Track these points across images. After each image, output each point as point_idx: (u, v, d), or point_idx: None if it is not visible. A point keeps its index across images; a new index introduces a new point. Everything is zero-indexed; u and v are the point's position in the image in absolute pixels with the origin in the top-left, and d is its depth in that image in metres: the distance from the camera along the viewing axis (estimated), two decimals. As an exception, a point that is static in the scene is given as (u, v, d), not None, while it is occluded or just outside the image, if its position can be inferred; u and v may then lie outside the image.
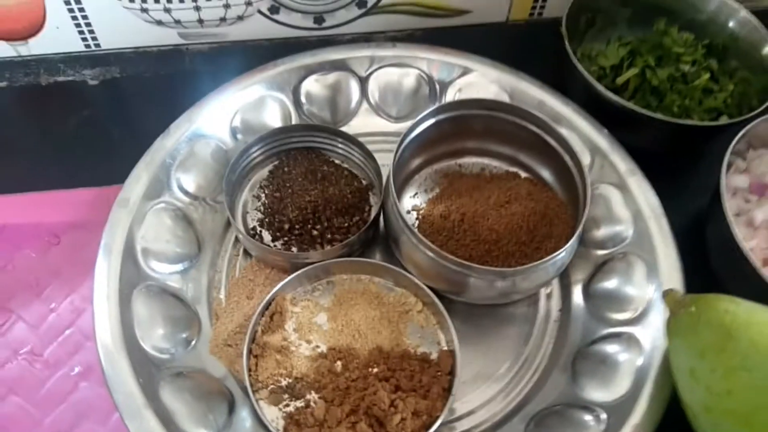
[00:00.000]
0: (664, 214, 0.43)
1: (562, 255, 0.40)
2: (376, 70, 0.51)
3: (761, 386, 0.31)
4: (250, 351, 0.40)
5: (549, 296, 0.45)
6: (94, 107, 0.55)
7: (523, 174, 0.49)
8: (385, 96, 0.52)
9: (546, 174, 0.47)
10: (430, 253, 0.40)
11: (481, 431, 0.39)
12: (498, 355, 0.42)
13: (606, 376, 0.39)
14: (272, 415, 0.38)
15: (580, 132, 0.48)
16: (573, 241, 0.40)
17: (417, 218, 0.47)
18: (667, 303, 0.35)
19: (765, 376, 0.31)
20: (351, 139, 0.48)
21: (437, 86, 0.51)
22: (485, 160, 0.50)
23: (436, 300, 0.41)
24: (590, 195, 0.41)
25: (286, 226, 0.45)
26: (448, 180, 0.49)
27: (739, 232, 0.41)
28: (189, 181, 0.46)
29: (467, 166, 0.50)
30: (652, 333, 0.39)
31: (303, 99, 0.51)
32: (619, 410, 0.36)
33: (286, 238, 0.45)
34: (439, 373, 0.40)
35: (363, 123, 0.51)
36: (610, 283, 0.43)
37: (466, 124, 0.47)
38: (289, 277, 0.42)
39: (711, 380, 0.32)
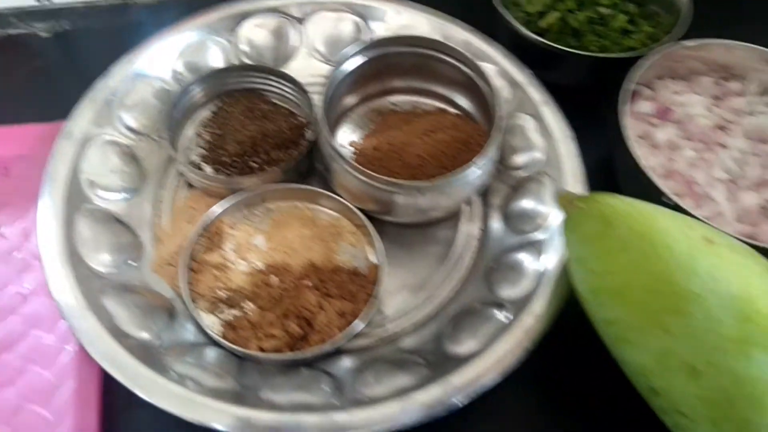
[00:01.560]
0: (573, 138, 0.47)
1: (476, 172, 0.43)
2: (312, 14, 0.54)
3: (634, 265, 0.35)
4: (188, 267, 0.43)
5: (471, 218, 0.48)
6: (46, 58, 0.58)
7: (453, 111, 0.52)
8: (322, 39, 0.55)
9: (472, 109, 0.51)
10: (359, 175, 0.43)
11: (407, 331, 0.43)
12: (423, 268, 0.46)
13: (515, 278, 0.42)
14: (210, 321, 0.41)
15: (501, 68, 0.51)
16: (486, 160, 0.43)
17: (354, 153, 0.50)
18: (561, 204, 0.39)
19: (638, 256, 0.35)
20: (288, 78, 0.51)
21: (370, 29, 0.55)
22: (417, 98, 0.53)
23: (366, 221, 0.45)
24: (502, 116, 0.44)
25: (227, 160, 0.48)
26: (382, 117, 0.52)
27: (639, 149, 0.46)
28: (132, 118, 0.49)
29: (400, 104, 0.53)
30: (555, 238, 0.43)
31: (243, 43, 0.54)
32: (524, 303, 0.40)
33: (226, 172, 0.48)
34: (366, 283, 0.43)
35: (302, 66, 0.54)
36: (524, 203, 0.47)
37: (394, 62, 0.50)
38: (228, 204, 0.45)
39: (594, 264, 0.36)
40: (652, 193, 0.42)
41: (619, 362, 0.37)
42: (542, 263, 0.42)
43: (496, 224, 0.47)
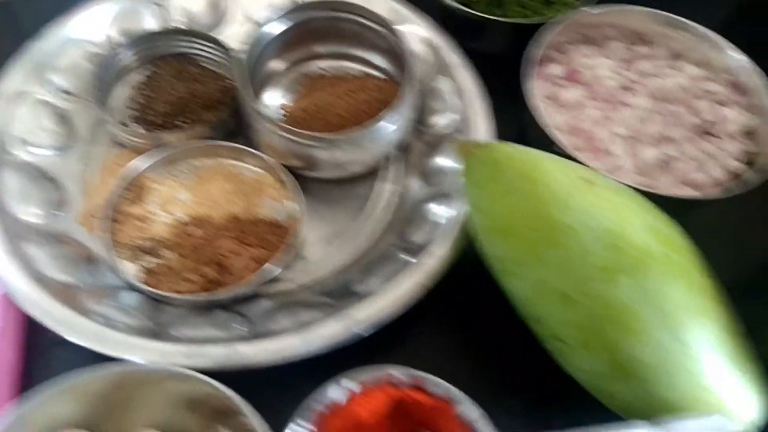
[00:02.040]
0: (485, 96, 0.50)
1: (388, 127, 0.45)
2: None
3: (518, 205, 0.37)
4: (111, 218, 0.45)
5: (390, 175, 0.50)
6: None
7: (379, 75, 0.54)
8: (254, 6, 0.57)
9: (395, 73, 0.53)
10: (278, 131, 0.45)
11: (324, 277, 0.45)
12: (343, 221, 0.48)
13: (425, 226, 0.45)
14: (130, 268, 0.43)
15: (422, 33, 0.54)
16: (398, 116, 0.46)
17: (284, 115, 0.52)
18: (459, 151, 0.41)
19: (521, 196, 0.37)
20: (218, 43, 0.53)
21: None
22: (345, 63, 0.55)
23: (288, 176, 0.47)
24: (413, 75, 0.47)
25: (156, 120, 0.50)
26: (311, 81, 0.54)
27: (545, 108, 0.48)
28: (64, 79, 0.51)
29: (329, 69, 0.55)
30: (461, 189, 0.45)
31: (176, 9, 0.55)
32: (427, 247, 0.43)
33: (156, 132, 0.50)
34: (285, 234, 0.45)
35: (236, 31, 0.56)
36: (438, 160, 0.49)
37: (319, 27, 0.53)
38: (151, 159, 0.47)
39: (485, 206, 0.39)
40: (549, 146, 0.44)
41: (508, 295, 0.39)
42: (449, 211, 0.45)
43: (414, 180, 0.49)
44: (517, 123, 0.51)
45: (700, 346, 0.34)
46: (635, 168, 0.47)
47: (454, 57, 0.52)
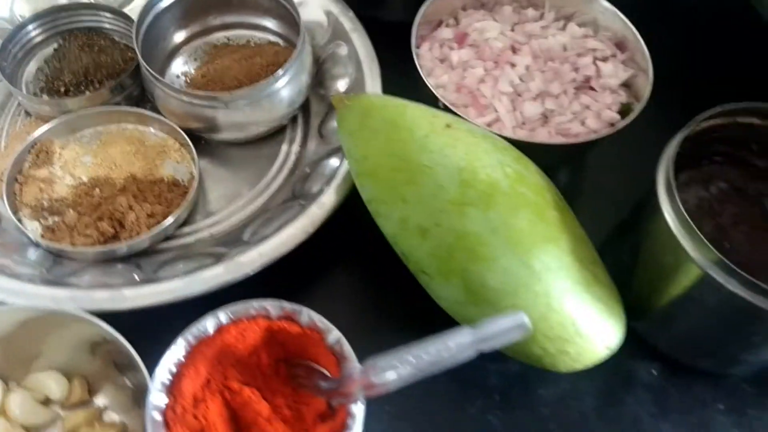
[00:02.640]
0: (375, 59, 0.52)
1: (277, 86, 0.48)
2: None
3: (382, 148, 0.40)
4: (15, 180, 0.47)
5: (292, 138, 0.53)
6: None
7: (282, 42, 0.57)
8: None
9: (295, 40, 0.56)
10: (171, 92, 0.48)
11: (223, 232, 0.47)
12: (246, 180, 0.50)
13: (319, 180, 0.48)
14: (32, 226, 0.45)
15: (323, 5, 0.56)
16: (288, 76, 0.48)
17: (185, 82, 0.54)
18: (334, 103, 0.44)
19: (385, 140, 0.40)
20: (124, 15, 0.55)
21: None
22: (250, 32, 0.58)
23: (188, 140, 0.49)
24: (303, 38, 0.49)
25: (62, 89, 0.52)
26: (215, 50, 0.57)
27: (434, 69, 0.51)
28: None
29: (234, 38, 0.58)
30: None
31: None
32: (316, 197, 0.46)
33: (60, 99, 0.52)
34: (184, 192, 0.48)
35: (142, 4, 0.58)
36: (335, 122, 0.51)
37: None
38: (54, 124, 0.49)
39: (356, 152, 0.42)
40: (435, 103, 0.47)
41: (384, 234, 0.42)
42: (339, 164, 0.47)
43: (313, 141, 0.52)
44: (413, 84, 0.53)
45: (548, 271, 0.37)
46: (516, 122, 0.50)
47: (350, 24, 0.54)
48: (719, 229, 0.40)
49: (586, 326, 0.38)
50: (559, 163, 0.52)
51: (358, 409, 0.35)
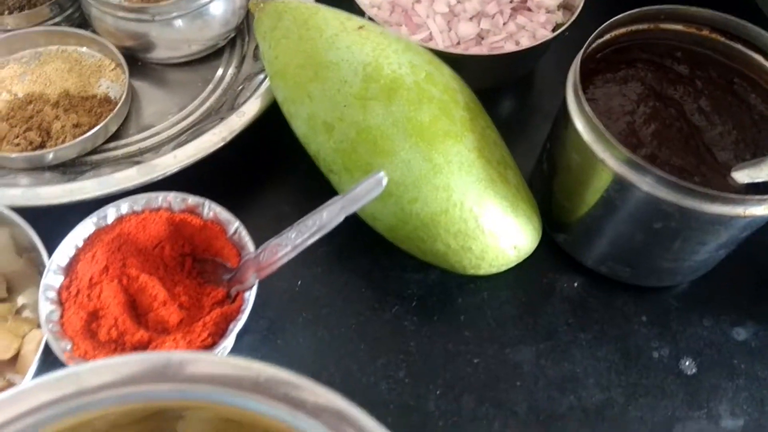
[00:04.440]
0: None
1: (207, 3, 0.48)
2: None
3: (292, 48, 0.40)
4: (-51, 94, 0.48)
5: (229, 60, 0.53)
6: None
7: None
8: None
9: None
10: (105, 9, 0.48)
11: (151, 147, 0.48)
12: (178, 100, 0.51)
13: (248, 94, 0.48)
14: (-38, 136, 0.46)
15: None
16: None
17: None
18: (251, 9, 0.44)
19: (295, 40, 0.40)
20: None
21: None
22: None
23: (123, 59, 0.50)
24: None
25: (5, 11, 0.53)
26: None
27: None
28: None
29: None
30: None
31: None
32: (239, 106, 0.46)
33: None
34: (113, 107, 0.48)
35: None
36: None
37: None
38: (-6, 42, 0.50)
39: (269, 53, 0.42)
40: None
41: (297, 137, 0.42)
42: (265, 77, 0.48)
43: (249, 64, 0.52)
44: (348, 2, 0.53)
45: (449, 164, 0.37)
46: (450, 42, 0.50)
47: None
48: (631, 130, 0.39)
49: (489, 223, 0.38)
50: (492, 83, 0.51)
51: (251, 293, 0.35)
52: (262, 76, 0.49)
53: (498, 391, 0.41)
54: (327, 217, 0.31)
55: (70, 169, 0.46)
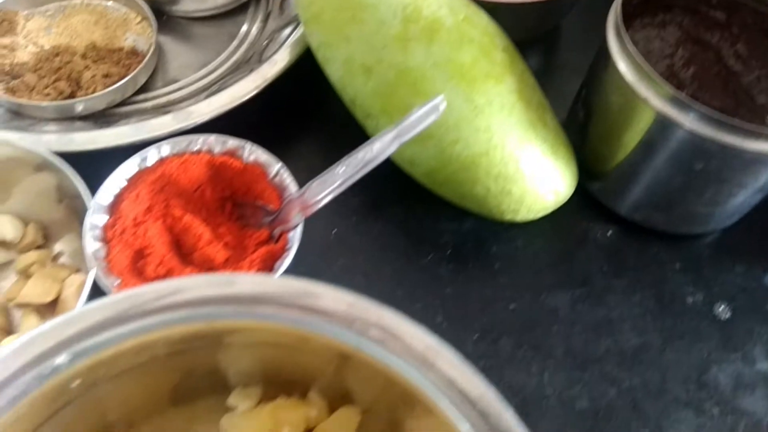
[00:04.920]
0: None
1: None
2: None
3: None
4: (-24, 45, 0.47)
5: (253, 18, 0.53)
6: None
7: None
8: None
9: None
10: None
11: (181, 98, 0.48)
12: (204, 55, 0.51)
13: (276, 48, 0.47)
14: (-7, 87, 0.46)
15: None
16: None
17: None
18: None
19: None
20: None
21: None
22: None
23: (150, 13, 0.50)
24: None
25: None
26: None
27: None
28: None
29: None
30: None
31: None
32: (270, 57, 0.46)
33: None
34: (142, 59, 0.48)
35: None
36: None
37: None
38: (21, -5, 0.50)
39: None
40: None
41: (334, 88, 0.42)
42: (295, 28, 0.48)
43: (274, 18, 0.52)
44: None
45: (490, 106, 0.37)
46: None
47: None
48: (671, 71, 0.39)
49: (529, 165, 0.38)
50: (521, 35, 0.51)
51: (296, 232, 0.35)
52: (288, 31, 0.49)
53: (535, 334, 0.41)
54: (379, 148, 0.30)
55: (99, 120, 0.45)
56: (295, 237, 0.35)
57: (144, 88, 0.48)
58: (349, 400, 0.32)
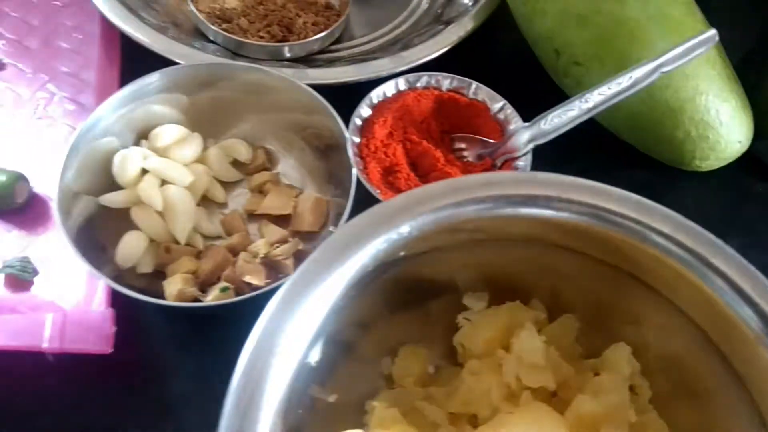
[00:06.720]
0: None
1: None
2: None
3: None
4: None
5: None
6: None
7: None
8: None
9: None
10: None
11: (372, 50, 0.52)
12: (390, 11, 0.55)
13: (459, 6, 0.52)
14: (210, 25, 0.50)
15: None
16: None
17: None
18: None
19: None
20: None
21: None
22: None
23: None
24: None
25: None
26: None
27: None
28: None
29: None
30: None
31: None
32: (463, 15, 0.50)
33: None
34: (337, 15, 0.52)
35: None
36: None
37: None
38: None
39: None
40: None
41: (531, 41, 0.46)
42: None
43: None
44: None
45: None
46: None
47: None
48: None
49: (726, 114, 0.42)
50: None
51: (527, 159, 0.39)
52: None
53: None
54: (634, 78, 0.34)
55: (302, 64, 0.50)
56: (527, 165, 0.39)
57: (338, 40, 0.52)
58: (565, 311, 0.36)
